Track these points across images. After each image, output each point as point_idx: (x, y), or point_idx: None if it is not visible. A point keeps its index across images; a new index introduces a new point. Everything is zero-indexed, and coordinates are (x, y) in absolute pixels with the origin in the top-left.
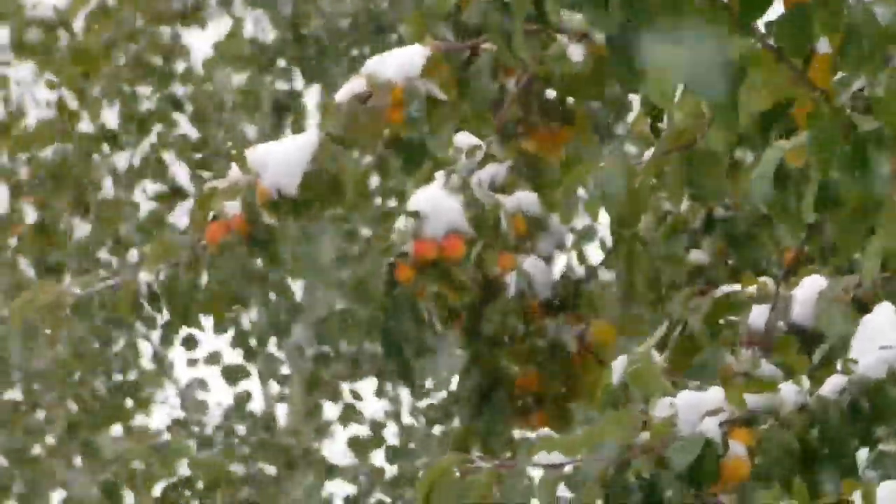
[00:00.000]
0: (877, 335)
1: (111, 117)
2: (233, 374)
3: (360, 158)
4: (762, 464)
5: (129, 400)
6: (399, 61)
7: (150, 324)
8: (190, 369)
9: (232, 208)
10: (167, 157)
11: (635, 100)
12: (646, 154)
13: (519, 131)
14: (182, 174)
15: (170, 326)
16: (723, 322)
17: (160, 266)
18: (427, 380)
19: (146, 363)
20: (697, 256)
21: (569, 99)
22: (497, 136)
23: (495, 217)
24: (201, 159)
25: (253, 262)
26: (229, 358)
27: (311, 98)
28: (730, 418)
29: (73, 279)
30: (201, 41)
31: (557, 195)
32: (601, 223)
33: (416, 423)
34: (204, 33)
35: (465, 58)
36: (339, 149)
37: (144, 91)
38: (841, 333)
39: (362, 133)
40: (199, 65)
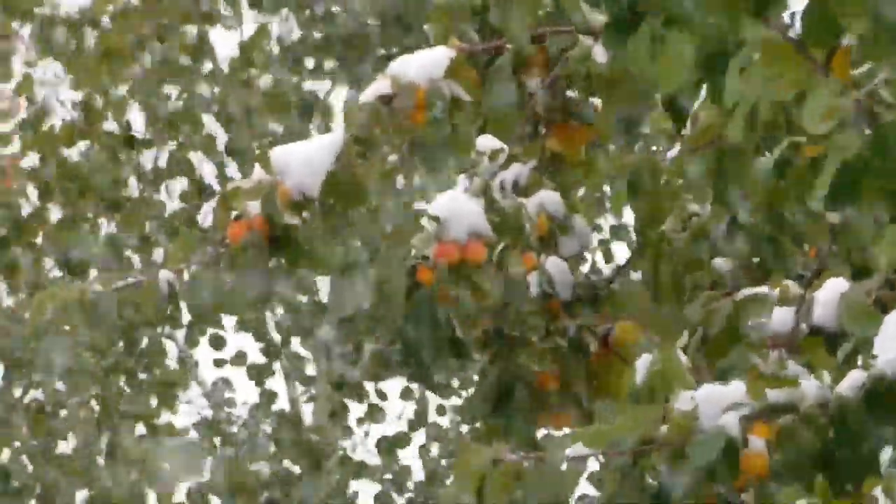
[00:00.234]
0: None
1: (137, 118)
2: (258, 374)
3: (384, 160)
4: (781, 458)
5: (154, 399)
6: (423, 62)
7: (175, 323)
8: (216, 369)
9: (254, 208)
10: (194, 158)
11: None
12: (669, 152)
13: (542, 131)
14: (209, 174)
15: (194, 326)
16: (750, 324)
17: (182, 265)
18: (453, 379)
19: (171, 363)
20: (721, 265)
21: (592, 98)
22: (520, 137)
23: (517, 219)
24: (228, 159)
25: (274, 262)
26: (255, 357)
27: (338, 99)
28: (750, 413)
29: (97, 277)
30: (227, 41)
31: (580, 194)
32: (628, 222)
33: (443, 423)
34: (230, 33)
35: (488, 58)
36: (363, 150)
37: (171, 91)
38: (863, 334)
39: (386, 134)
40: (225, 65)
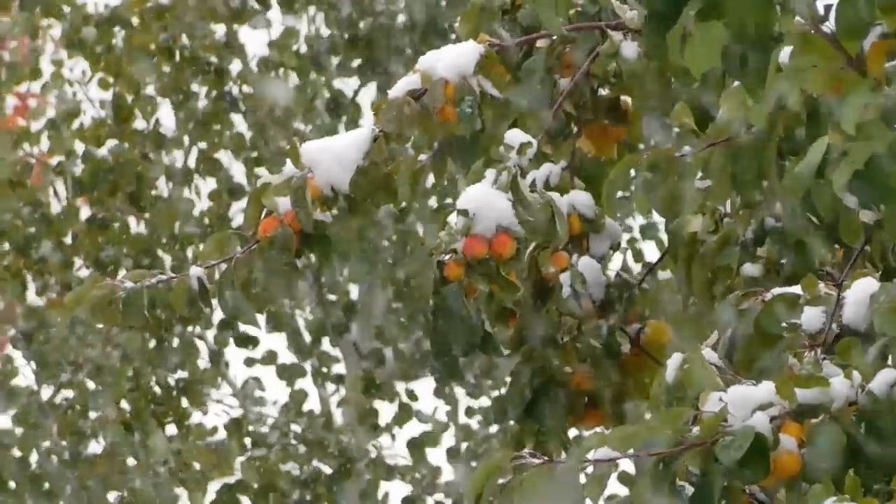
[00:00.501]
0: None
1: (167, 116)
2: (289, 374)
3: (415, 156)
4: (812, 458)
5: (185, 399)
6: (453, 58)
7: (206, 323)
8: (246, 368)
9: (285, 204)
10: (223, 157)
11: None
12: (686, 148)
13: (573, 130)
14: (238, 173)
15: (225, 325)
16: (785, 325)
17: (212, 261)
18: (484, 379)
19: (202, 362)
20: (750, 271)
21: (623, 97)
22: (551, 136)
23: (548, 215)
24: (257, 158)
25: (304, 258)
26: (285, 357)
27: (367, 97)
28: (780, 413)
29: (127, 275)
30: (256, 40)
31: (603, 192)
32: (657, 221)
33: (473, 423)
34: (259, 33)
35: (520, 57)
36: (392, 145)
37: (200, 90)
38: (893, 334)
39: (415, 130)
40: (254, 64)
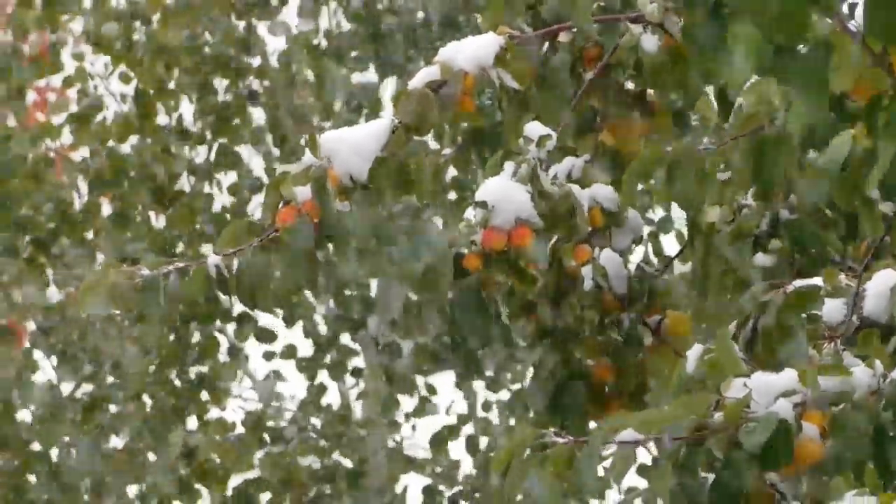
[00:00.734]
0: None
1: (188, 111)
2: (308, 367)
3: (438, 149)
4: (834, 446)
5: (205, 393)
6: (473, 49)
7: (225, 316)
8: (265, 362)
9: (303, 194)
10: (243, 151)
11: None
12: (706, 141)
13: (596, 123)
14: (258, 167)
15: (244, 318)
16: (804, 316)
17: (230, 249)
18: (502, 372)
19: (221, 356)
20: (763, 261)
21: (648, 90)
22: (574, 129)
23: (567, 207)
24: (276, 152)
25: (321, 248)
26: (304, 351)
27: (387, 91)
28: (803, 400)
29: (144, 263)
30: (282, 33)
31: (623, 182)
32: (675, 215)
33: (491, 417)
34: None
35: (544, 52)
36: (411, 136)
37: (220, 84)
38: None
39: (434, 121)
40: (275, 58)
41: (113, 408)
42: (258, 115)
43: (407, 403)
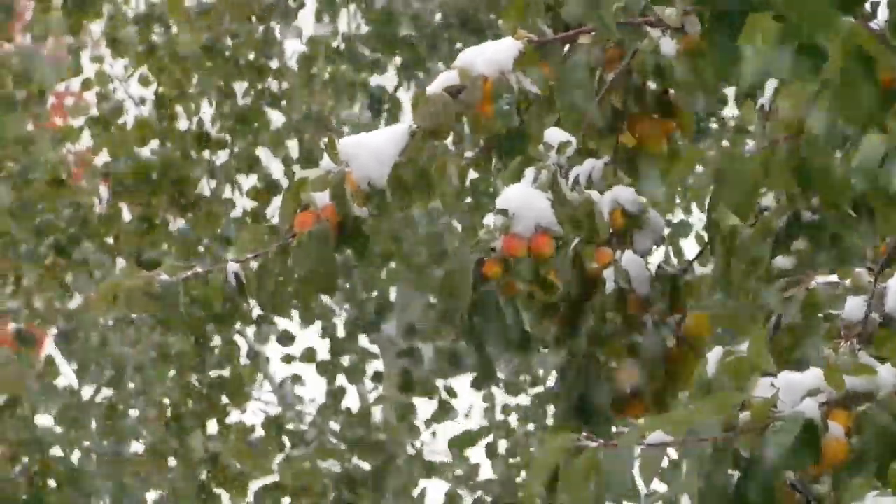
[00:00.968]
0: None
1: (208, 115)
2: (328, 371)
3: (458, 153)
4: (858, 445)
5: (225, 397)
6: (492, 54)
7: (245, 320)
8: (285, 366)
9: (322, 199)
10: (262, 154)
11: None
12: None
13: (617, 125)
14: (277, 170)
15: (264, 321)
16: (822, 315)
17: (249, 255)
18: (521, 376)
19: (242, 360)
20: (782, 263)
21: (669, 91)
22: (595, 131)
23: (588, 212)
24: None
25: (340, 252)
26: (324, 354)
27: (406, 94)
28: (828, 400)
29: (163, 268)
30: (294, 37)
31: (658, 188)
32: (691, 220)
33: (511, 421)
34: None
35: (564, 54)
36: (430, 142)
37: (240, 88)
38: None
39: (452, 126)
40: (293, 61)
41: (133, 412)
42: (277, 118)
43: (427, 408)
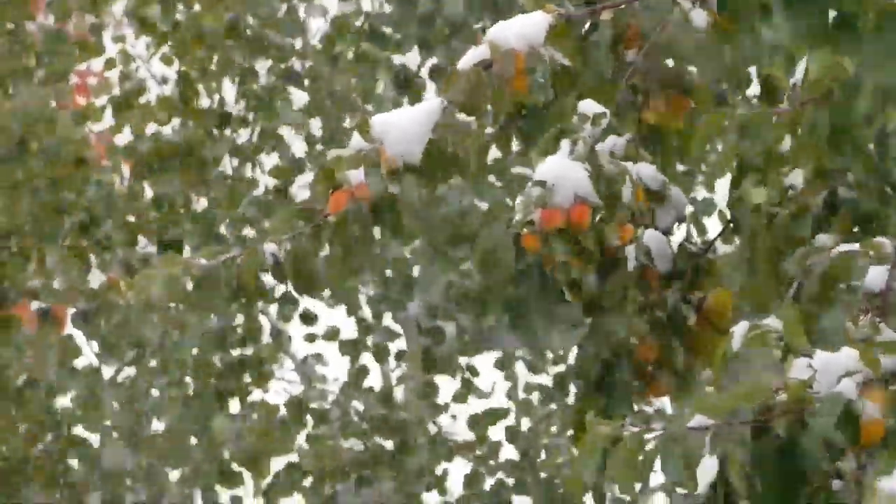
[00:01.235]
0: None
1: (230, 94)
2: (351, 349)
3: (481, 129)
4: (893, 424)
5: (248, 376)
6: (522, 28)
7: (268, 298)
8: (308, 344)
9: (355, 177)
10: (285, 133)
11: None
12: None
13: (639, 102)
14: (299, 149)
15: (287, 300)
16: (843, 286)
17: (283, 236)
18: (547, 352)
19: (264, 338)
20: (823, 241)
21: (690, 68)
22: (617, 108)
23: (620, 184)
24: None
25: (374, 231)
26: (346, 333)
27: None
28: (865, 379)
29: (198, 252)
30: (318, 16)
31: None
32: (715, 197)
33: (533, 399)
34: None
35: (586, 29)
36: (462, 117)
37: (262, 67)
38: None
39: (486, 101)
40: (317, 40)
41: (155, 392)
42: (300, 97)
43: (449, 387)
